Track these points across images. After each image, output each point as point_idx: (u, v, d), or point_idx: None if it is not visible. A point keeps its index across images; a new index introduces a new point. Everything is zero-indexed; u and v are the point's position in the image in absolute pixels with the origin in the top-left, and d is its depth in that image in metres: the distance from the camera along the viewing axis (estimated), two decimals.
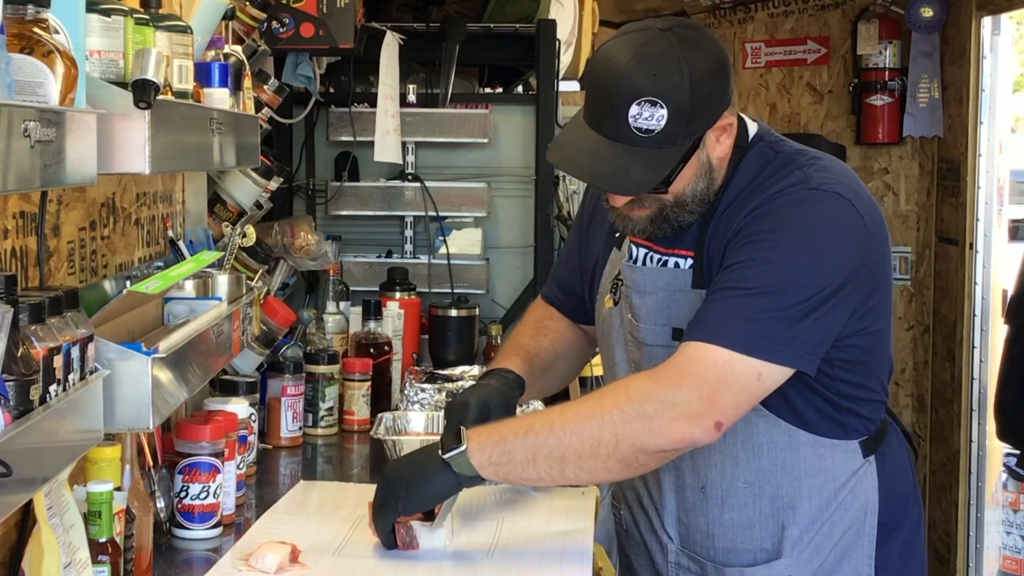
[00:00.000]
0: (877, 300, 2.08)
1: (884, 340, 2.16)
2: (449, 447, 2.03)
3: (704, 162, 2.06)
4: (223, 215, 3.02)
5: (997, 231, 4.84)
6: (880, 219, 2.10)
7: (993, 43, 4.81)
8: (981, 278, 4.84)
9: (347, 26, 3.43)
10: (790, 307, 1.95)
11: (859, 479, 2.15)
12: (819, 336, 1.99)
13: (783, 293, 1.95)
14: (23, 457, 1.37)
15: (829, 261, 1.99)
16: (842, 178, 2.07)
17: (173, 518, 2.31)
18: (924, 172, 5.49)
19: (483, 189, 4.05)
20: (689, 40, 1.99)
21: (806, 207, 2.01)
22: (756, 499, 2.12)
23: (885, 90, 5.45)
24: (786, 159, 2.09)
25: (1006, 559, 4.48)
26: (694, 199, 2.07)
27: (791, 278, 1.96)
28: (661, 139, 1.98)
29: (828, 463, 2.12)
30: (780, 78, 5.82)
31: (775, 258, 1.97)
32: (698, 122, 2.01)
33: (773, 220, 2.01)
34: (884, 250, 2.10)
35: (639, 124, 1.96)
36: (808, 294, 1.96)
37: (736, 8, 5.89)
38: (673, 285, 2.12)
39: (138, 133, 1.69)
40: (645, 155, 1.98)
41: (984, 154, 4.82)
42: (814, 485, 2.12)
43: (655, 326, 2.14)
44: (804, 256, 1.98)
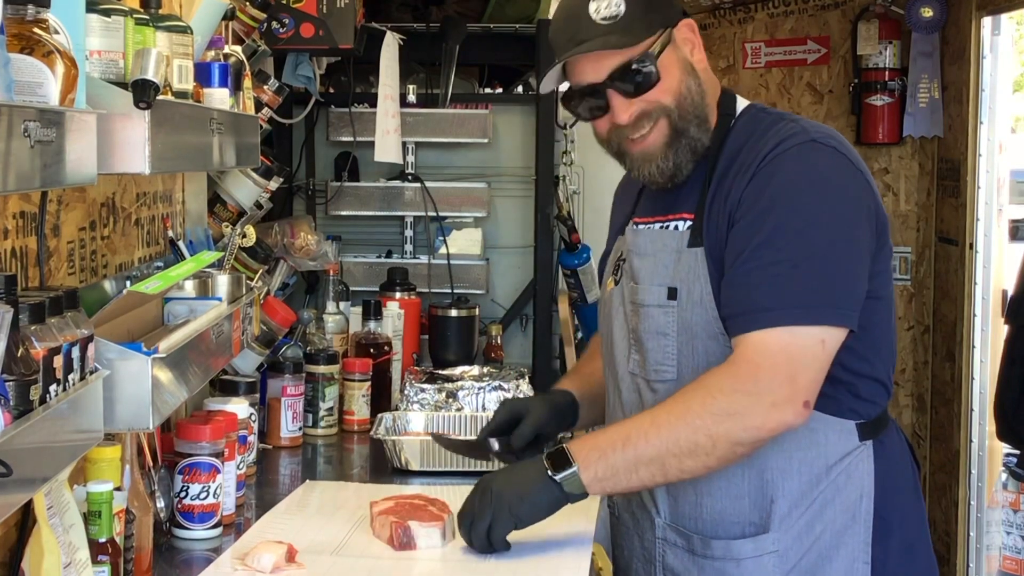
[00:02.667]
0: (883, 261, 2.11)
1: (887, 312, 2.16)
2: (560, 468, 2.06)
3: (685, 62, 2.14)
4: (223, 215, 3.02)
5: (997, 231, 4.84)
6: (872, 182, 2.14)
7: (993, 43, 4.81)
8: (981, 278, 4.84)
9: (347, 26, 3.43)
10: (827, 269, 2.00)
11: (854, 460, 2.12)
12: (856, 288, 2.04)
13: (819, 257, 2.00)
14: (23, 457, 1.37)
15: (846, 214, 2.04)
16: (833, 133, 2.13)
17: (173, 518, 2.31)
18: (924, 172, 5.49)
19: (483, 189, 4.05)
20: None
21: (811, 161, 2.05)
22: (745, 469, 2.10)
23: (885, 90, 5.45)
24: (776, 118, 2.15)
25: (1006, 559, 4.48)
26: (692, 103, 2.12)
27: (819, 239, 2.01)
28: (626, 23, 2.08)
29: (821, 438, 2.10)
30: (780, 78, 5.82)
31: (797, 223, 2.01)
32: (657, 12, 2.12)
33: (779, 182, 2.04)
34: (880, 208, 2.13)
35: (602, 14, 2.09)
36: (840, 251, 2.01)
37: (736, 8, 5.89)
38: (670, 246, 2.15)
39: (138, 133, 1.69)
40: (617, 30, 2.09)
41: (984, 154, 4.82)
42: (804, 459, 2.09)
43: (651, 286, 2.16)
44: (822, 214, 2.02)
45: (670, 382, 2.14)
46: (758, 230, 2.03)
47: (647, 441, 2.03)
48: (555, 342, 4.06)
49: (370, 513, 2.33)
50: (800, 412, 1.99)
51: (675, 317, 2.13)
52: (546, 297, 3.98)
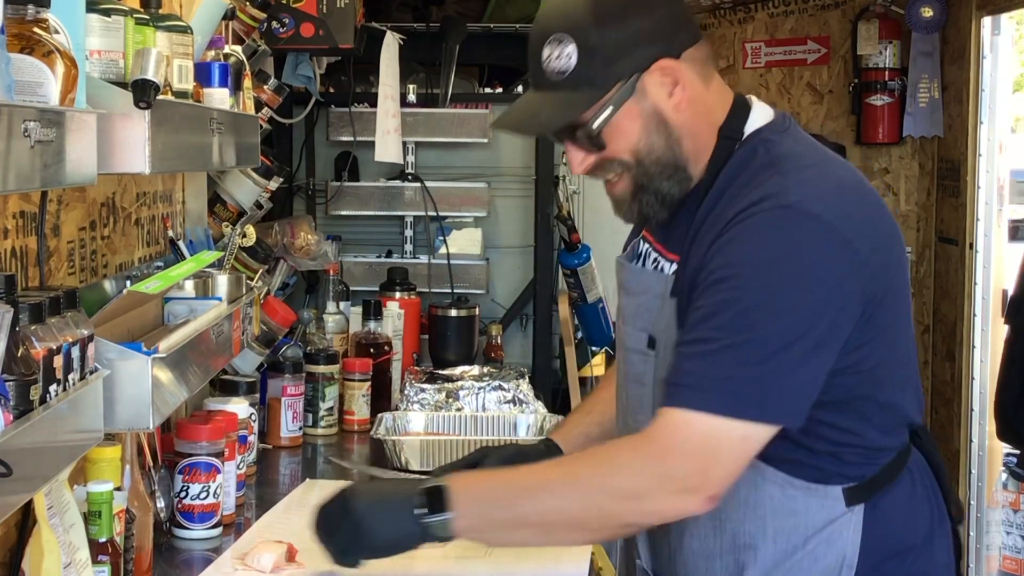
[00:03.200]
0: (876, 331, 1.85)
1: (886, 377, 1.90)
2: (435, 510, 1.86)
3: (650, 113, 1.87)
4: (223, 215, 3.02)
5: (997, 231, 4.85)
6: (883, 233, 1.87)
7: (993, 43, 4.81)
8: (981, 278, 4.84)
9: (347, 26, 3.43)
10: (767, 358, 1.76)
11: (836, 529, 1.90)
12: (803, 386, 1.79)
13: (757, 342, 1.76)
14: (23, 457, 1.37)
15: (804, 299, 1.77)
16: (826, 191, 1.82)
17: (173, 518, 2.31)
18: (924, 172, 5.49)
19: (483, 189, 4.05)
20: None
21: (776, 232, 1.78)
22: (717, 532, 1.93)
23: (885, 90, 5.45)
24: (769, 161, 1.87)
25: (1006, 559, 4.48)
26: (656, 160, 1.89)
27: (764, 324, 1.76)
28: (576, 79, 1.84)
29: (800, 506, 1.89)
30: (780, 78, 5.82)
31: (745, 302, 1.77)
32: (619, 61, 1.84)
33: (740, 251, 1.79)
34: (887, 269, 1.86)
35: (552, 66, 1.86)
36: (785, 340, 1.76)
37: (736, 8, 5.89)
38: (654, 289, 1.96)
39: (138, 133, 1.69)
40: (559, 97, 1.87)
41: (984, 154, 4.82)
42: (780, 528, 1.89)
43: (634, 330, 2.00)
44: (777, 296, 1.77)
45: None
46: (706, 302, 1.81)
47: (533, 503, 1.86)
48: (555, 342, 4.06)
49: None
50: (703, 505, 1.80)
51: (652, 367, 1.94)
52: (546, 297, 3.99)
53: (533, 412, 3.11)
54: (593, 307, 4.16)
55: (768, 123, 1.94)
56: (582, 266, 4.05)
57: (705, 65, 1.93)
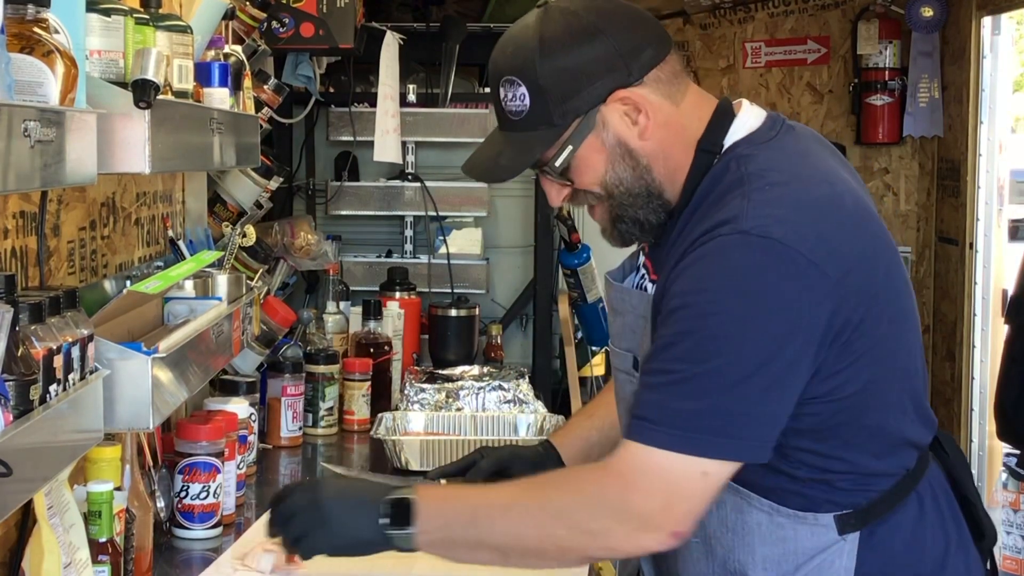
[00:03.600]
0: (856, 356, 1.76)
1: (875, 400, 1.81)
2: (397, 524, 1.85)
3: (614, 145, 1.82)
4: (223, 215, 3.02)
5: (997, 231, 4.85)
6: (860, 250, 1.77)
7: (993, 43, 4.81)
8: (981, 278, 4.84)
9: (347, 26, 3.43)
10: (724, 390, 1.70)
11: (828, 558, 1.83)
12: (765, 419, 1.73)
13: (714, 375, 1.70)
14: (23, 457, 1.37)
15: (765, 327, 1.70)
16: (793, 211, 1.73)
17: (173, 518, 2.31)
18: (924, 172, 5.49)
19: (483, 189, 4.05)
20: (556, 13, 1.83)
21: (730, 259, 1.71)
22: (708, 557, 1.89)
23: (885, 90, 5.45)
24: (735, 181, 1.78)
25: (1006, 559, 4.48)
26: (626, 191, 1.84)
27: (720, 355, 1.70)
28: (533, 120, 1.81)
29: (789, 534, 1.83)
30: (780, 78, 5.82)
31: (700, 331, 1.71)
32: (573, 98, 1.80)
33: (695, 278, 1.73)
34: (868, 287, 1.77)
35: (510, 107, 1.83)
36: (745, 370, 1.69)
37: (736, 8, 5.89)
38: (637, 309, 1.90)
39: (138, 133, 1.68)
40: (519, 139, 1.85)
41: (984, 154, 4.82)
42: (769, 555, 1.84)
43: (620, 349, 1.95)
44: (732, 325, 1.70)
45: None
46: (665, 331, 1.75)
47: (492, 527, 1.83)
48: (555, 342, 4.06)
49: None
50: (666, 541, 1.76)
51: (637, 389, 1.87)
52: (546, 297, 3.98)
53: (533, 412, 3.11)
54: (593, 307, 4.16)
55: (751, 132, 1.86)
56: (582, 266, 4.05)
57: (674, 82, 1.84)
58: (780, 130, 1.87)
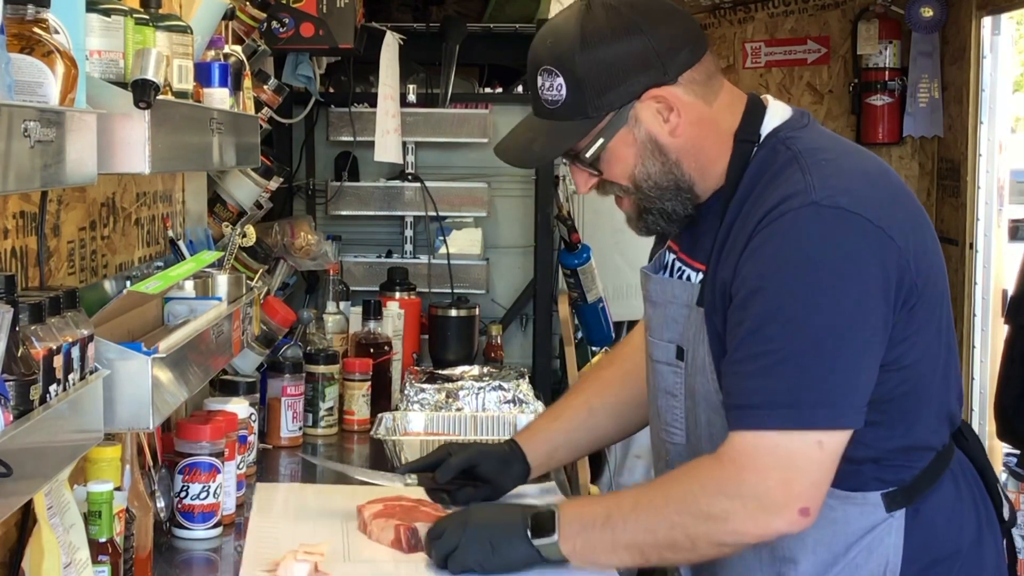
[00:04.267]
0: (919, 323, 1.83)
1: (929, 372, 1.87)
2: (540, 533, 1.97)
3: (645, 141, 1.89)
4: (223, 215, 3.02)
5: (997, 231, 4.85)
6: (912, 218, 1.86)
7: (993, 43, 4.81)
8: (981, 278, 4.84)
9: (347, 26, 3.43)
10: (825, 361, 1.75)
11: (877, 536, 1.88)
12: (866, 380, 1.78)
13: (812, 348, 1.75)
14: (23, 457, 1.37)
15: (849, 292, 1.76)
16: (852, 182, 1.81)
17: (173, 518, 2.31)
18: (924, 172, 5.50)
19: (483, 189, 4.05)
20: (599, 8, 1.87)
21: (807, 231, 1.77)
22: (759, 547, 1.91)
23: (885, 90, 5.46)
24: (790, 158, 1.85)
25: None
26: (654, 184, 1.91)
27: (813, 326, 1.75)
28: (568, 110, 1.88)
29: (839, 515, 1.87)
30: (780, 78, 5.82)
31: (790, 308, 1.76)
32: (609, 92, 1.86)
33: (774, 255, 1.78)
34: (924, 256, 1.84)
35: (546, 96, 1.90)
36: (839, 339, 1.75)
37: (736, 8, 5.89)
38: (680, 299, 1.96)
39: (138, 133, 1.68)
40: (553, 127, 1.91)
41: (984, 154, 4.82)
42: (820, 539, 1.87)
43: (661, 341, 1.99)
44: (819, 295, 1.75)
45: (680, 446, 2.00)
46: (749, 315, 1.80)
47: (625, 526, 1.90)
48: (555, 342, 4.06)
49: (360, 517, 2.31)
50: (796, 521, 1.79)
51: (683, 379, 1.96)
52: (546, 297, 3.98)
53: (533, 412, 3.11)
54: (593, 307, 4.16)
55: (786, 121, 1.93)
56: (582, 266, 4.05)
57: (708, 83, 1.91)
58: (808, 120, 1.96)
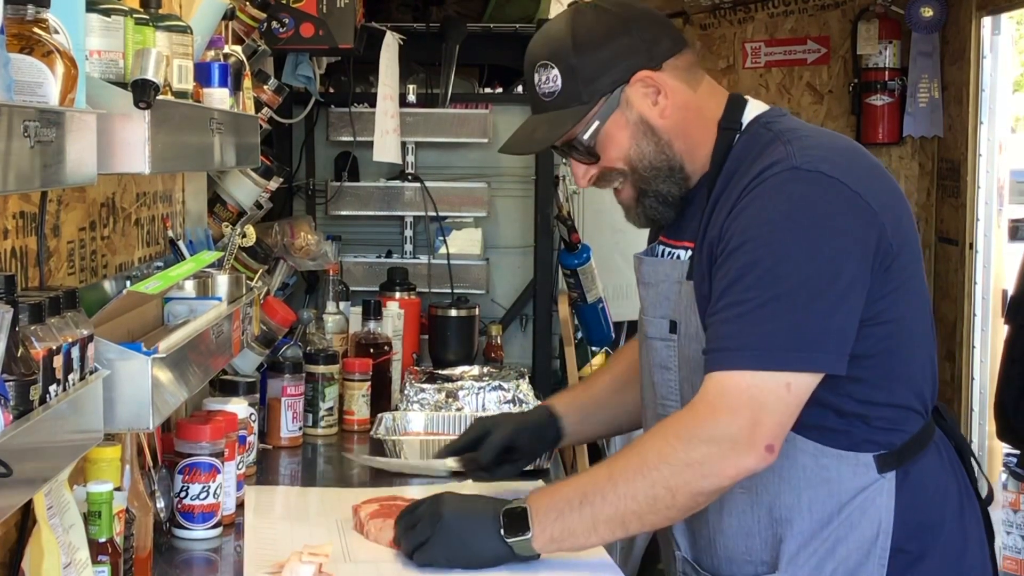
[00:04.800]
0: (896, 284, 1.94)
1: (908, 333, 1.99)
2: (514, 531, 2.00)
3: (637, 122, 2.03)
4: (223, 215, 3.02)
5: (997, 231, 4.85)
6: (888, 191, 1.98)
7: (993, 43, 4.82)
8: (981, 278, 4.84)
9: (347, 26, 3.43)
10: (799, 308, 1.86)
11: (870, 496, 1.97)
12: (839, 328, 1.89)
13: (786, 296, 1.86)
14: (23, 457, 1.37)
15: (825, 248, 1.88)
16: (831, 153, 1.95)
17: (173, 518, 2.31)
18: (924, 172, 5.50)
19: (483, 189, 4.05)
20: (588, 8, 2.06)
21: (787, 192, 1.90)
22: (754, 506, 2.01)
23: (885, 90, 5.46)
24: (772, 137, 1.99)
25: (1006, 559, 4.48)
26: (649, 165, 2.04)
27: (789, 277, 1.87)
28: (564, 99, 2.03)
29: (833, 474, 1.96)
30: (780, 78, 5.82)
31: (768, 258, 1.88)
32: (600, 78, 2.02)
33: (756, 214, 1.91)
34: (899, 226, 1.96)
35: (543, 90, 2.05)
36: (813, 289, 1.86)
37: (736, 8, 5.89)
38: (671, 276, 2.07)
39: (138, 133, 1.68)
40: (551, 117, 2.05)
41: (984, 154, 4.83)
42: (815, 497, 1.97)
43: (655, 318, 2.10)
44: (796, 249, 1.87)
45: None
46: (730, 268, 1.92)
47: (604, 499, 1.94)
48: (555, 342, 4.06)
49: (356, 517, 2.31)
50: (762, 456, 1.88)
51: (676, 351, 2.06)
52: (546, 297, 3.99)
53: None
54: (593, 307, 4.16)
55: (765, 111, 2.08)
56: (582, 266, 4.05)
57: (690, 71, 2.08)
58: (787, 113, 2.12)
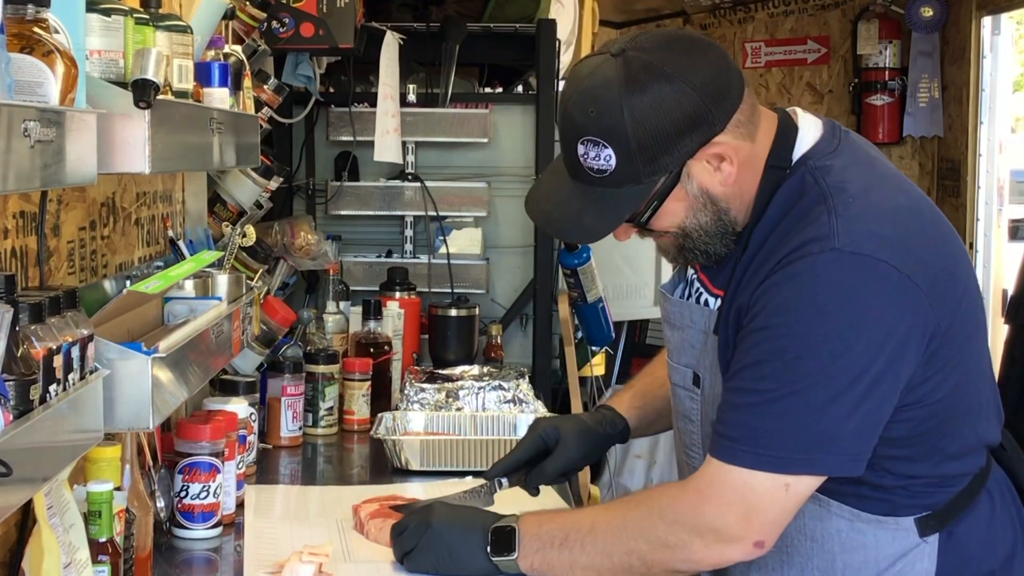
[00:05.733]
0: (942, 362, 1.78)
1: (957, 407, 1.83)
2: (500, 550, 1.98)
3: (697, 194, 1.83)
4: (223, 215, 3.02)
5: (997, 231, 4.85)
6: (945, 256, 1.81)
7: (993, 43, 4.82)
8: (981, 278, 4.84)
9: (347, 26, 3.43)
10: (814, 409, 1.72)
11: (910, 561, 1.85)
12: (855, 430, 1.74)
13: (803, 394, 1.72)
14: (23, 457, 1.37)
15: (856, 344, 1.71)
16: (881, 224, 1.75)
17: (173, 518, 2.31)
18: (924, 172, 5.50)
19: (483, 189, 4.05)
20: (639, 67, 1.77)
21: (823, 278, 1.72)
22: (784, 566, 1.90)
23: (885, 90, 5.46)
24: (818, 196, 1.79)
25: None
26: (704, 232, 1.86)
27: (810, 375, 1.71)
28: (619, 178, 1.79)
29: (869, 540, 1.84)
30: (780, 78, 5.82)
31: (790, 351, 1.73)
32: (662, 158, 1.78)
33: (788, 296, 1.74)
34: (951, 296, 1.79)
35: (590, 164, 1.80)
36: (839, 387, 1.71)
37: (736, 8, 5.89)
38: (698, 324, 1.93)
39: (138, 133, 1.68)
40: (603, 196, 1.82)
41: (984, 154, 4.83)
42: (850, 562, 1.85)
43: (679, 364, 1.98)
44: (824, 344, 1.71)
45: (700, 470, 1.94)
46: (751, 349, 1.77)
47: (582, 548, 1.90)
48: (555, 342, 4.06)
49: (356, 517, 2.31)
50: (749, 551, 1.79)
51: (699, 405, 1.94)
52: (546, 297, 3.98)
53: (533, 412, 3.11)
54: (593, 307, 4.16)
55: (816, 143, 1.88)
56: (582, 266, 4.05)
57: (751, 119, 1.84)
58: (840, 137, 1.90)
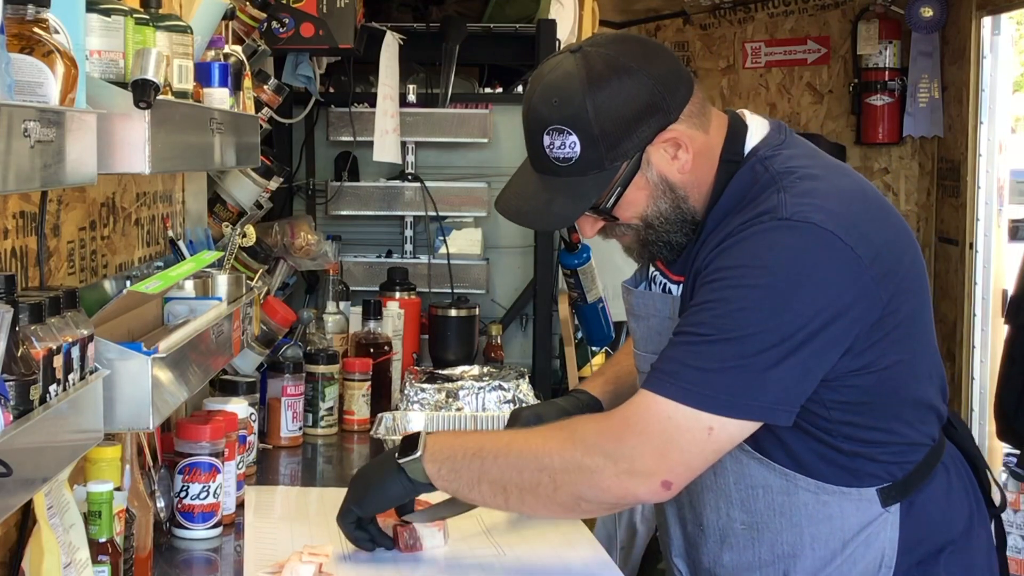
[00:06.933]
0: (886, 332, 1.86)
1: (905, 376, 1.93)
2: (405, 452, 2.01)
3: (657, 181, 1.92)
4: (223, 215, 3.02)
5: (997, 231, 4.85)
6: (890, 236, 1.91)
7: (993, 43, 4.82)
8: (981, 278, 4.84)
9: (347, 26, 3.43)
10: (750, 355, 1.78)
11: (874, 531, 1.93)
12: (790, 385, 1.80)
13: (742, 340, 1.79)
14: (23, 457, 1.37)
15: (800, 301, 1.79)
16: (827, 199, 1.85)
17: (173, 518, 2.31)
18: (924, 172, 5.50)
19: (483, 189, 4.05)
20: (597, 60, 1.88)
21: (771, 240, 1.82)
22: (755, 542, 1.96)
23: (885, 90, 5.46)
24: (770, 179, 1.90)
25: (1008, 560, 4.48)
26: (664, 220, 1.94)
27: (752, 323, 1.79)
28: (583, 166, 1.89)
29: (835, 511, 1.92)
30: (780, 78, 5.82)
31: (734, 301, 1.81)
32: (623, 143, 1.88)
33: (735, 256, 1.83)
34: (896, 272, 1.87)
35: (556, 154, 1.91)
36: (772, 340, 1.78)
37: (736, 8, 5.90)
38: (663, 312, 2.00)
39: (138, 133, 1.68)
40: (569, 185, 1.92)
41: (984, 154, 4.83)
42: (817, 534, 1.93)
43: (646, 353, 2.02)
44: (768, 298, 1.79)
45: None
46: (700, 298, 1.85)
47: (495, 460, 1.93)
48: (555, 342, 4.06)
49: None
50: (655, 491, 1.83)
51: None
52: (546, 297, 3.98)
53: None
54: (593, 307, 4.16)
55: (765, 138, 1.98)
56: (582, 266, 4.05)
57: (702, 112, 1.95)
58: (786, 134, 2.01)
